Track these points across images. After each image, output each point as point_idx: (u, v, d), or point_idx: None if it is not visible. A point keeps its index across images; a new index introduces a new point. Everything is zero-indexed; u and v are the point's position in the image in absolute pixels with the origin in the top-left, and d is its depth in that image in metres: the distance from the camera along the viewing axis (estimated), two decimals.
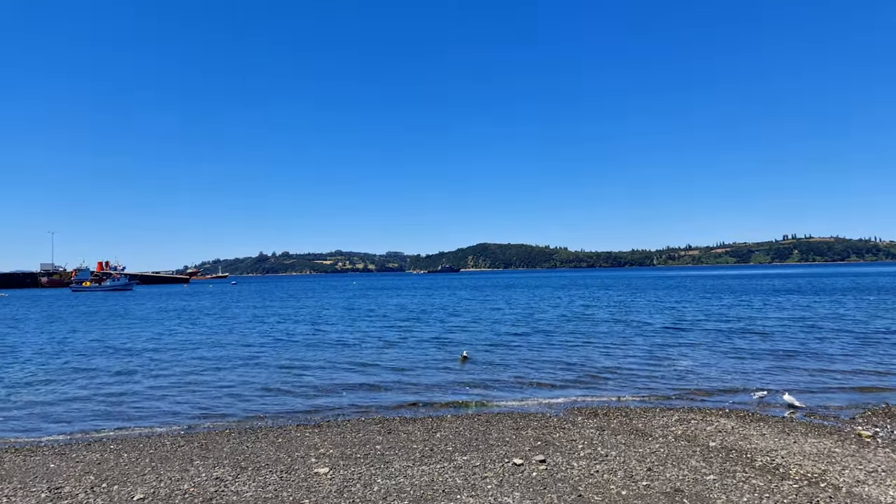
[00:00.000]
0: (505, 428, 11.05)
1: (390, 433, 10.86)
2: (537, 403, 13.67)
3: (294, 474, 8.13)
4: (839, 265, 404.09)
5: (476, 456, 8.89)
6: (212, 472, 8.34)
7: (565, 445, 9.49)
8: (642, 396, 14.17)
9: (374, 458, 8.98)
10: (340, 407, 13.63)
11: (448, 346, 23.48)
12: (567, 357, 19.92)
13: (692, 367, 17.43)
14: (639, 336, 25.11)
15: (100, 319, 42.77)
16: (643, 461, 8.43)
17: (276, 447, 9.92)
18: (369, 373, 17.85)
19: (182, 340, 27.61)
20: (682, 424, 11.04)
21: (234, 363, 20.12)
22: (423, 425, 11.48)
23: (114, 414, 13.26)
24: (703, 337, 24.34)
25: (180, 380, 17.15)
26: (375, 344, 24.96)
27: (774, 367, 17.29)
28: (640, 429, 10.77)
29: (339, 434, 10.88)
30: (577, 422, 11.56)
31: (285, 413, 13.10)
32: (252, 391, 15.38)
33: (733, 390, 14.55)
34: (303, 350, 23.27)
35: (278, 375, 17.63)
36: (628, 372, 17.02)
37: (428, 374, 17.52)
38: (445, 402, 14.05)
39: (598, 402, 13.68)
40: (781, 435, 10.21)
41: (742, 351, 20.29)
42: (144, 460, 9.30)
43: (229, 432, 11.43)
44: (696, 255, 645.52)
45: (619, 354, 20.13)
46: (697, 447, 9.31)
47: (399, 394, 14.84)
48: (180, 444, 10.49)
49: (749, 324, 29.00)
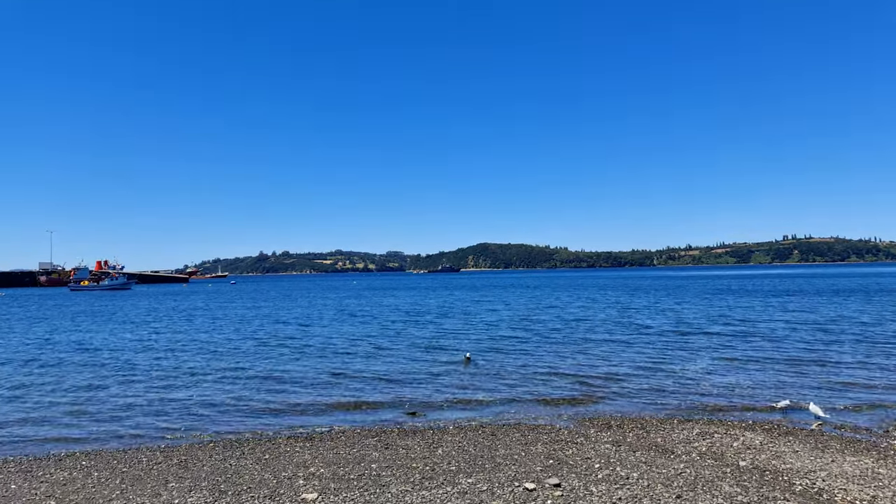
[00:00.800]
0: (512, 442, 10.15)
1: (387, 448, 9.95)
2: (545, 413, 12.77)
3: (278, 501, 7.22)
4: (839, 265, 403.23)
5: (482, 478, 7.99)
6: (186, 498, 7.43)
7: (580, 465, 8.59)
8: (656, 406, 13.27)
9: (369, 479, 8.07)
10: (333, 417, 12.72)
11: (447, 351, 22.58)
12: (570, 363, 19.02)
13: (703, 374, 16.53)
14: (644, 340, 24.21)
15: (88, 320, 41.85)
16: (670, 486, 7.52)
17: (262, 465, 9.01)
18: (363, 380, 16.95)
19: (167, 343, 26.69)
20: (705, 439, 10.14)
21: (222, 369, 19.21)
22: (424, 439, 10.57)
23: (86, 425, 12.33)
24: (710, 341, 23.44)
25: (162, 387, 16.23)
26: (369, 348, 24.08)
27: (788, 374, 16.39)
28: (659, 444, 9.87)
29: (331, 449, 9.97)
30: (590, 435, 10.66)
31: (274, 424, 12.19)
32: (238, 400, 14.46)
33: (751, 399, 13.65)
34: (292, 356, 22.37)
35: (266, 383, 16.73)
36: (637, 379, 16.11)
37: (428, 381, 16.61)
38: (446, 412, 13.14)
39: (610, 411, 12.78)
40: (816, 452, 9.31)
41: (752, 356, 19.37)
42: (115, 481, 8.40)
43: (213, 446, 10.53)
44: (696, 255, 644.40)
45: (625, 360, 19.23)
46: (727, 467, 8.40)
47: (397, 403, 13.92)
48: (157, 460, 9.58)
49: (754, 327, 28.10)
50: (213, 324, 36.69)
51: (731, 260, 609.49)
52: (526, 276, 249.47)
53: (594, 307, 44.93)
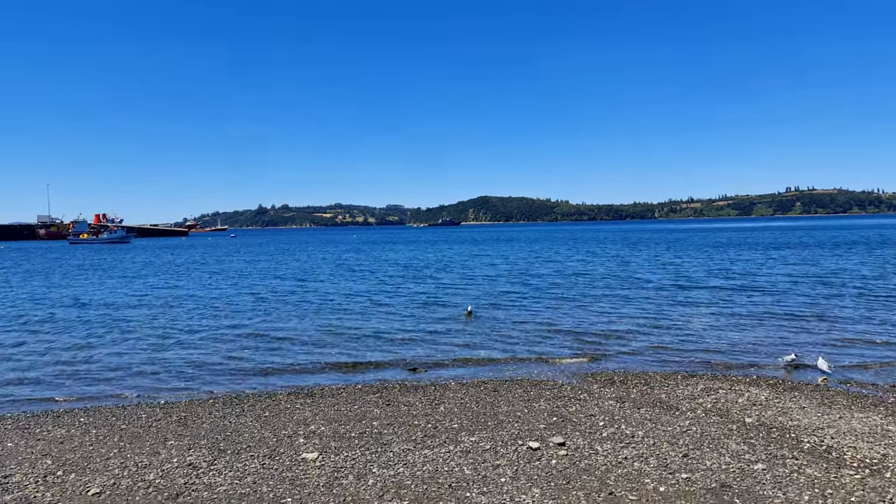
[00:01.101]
0: (515, 399, 10.04)
1: (389, 405, 9.84)
2: (547, 369, 12.67)
3: (278, 460, 7.10)
4: (841, 217, 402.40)
5: (485, 436, 7.86)
6: (185, 457, 7.31)
7: (584, 422, 8.46)
8: (659, 362, 13.16)
9: (371, 437, 7.95)
10: (333, 375, 12.62)
11: (446, 306, 22.48)
12: (571, 318, 18.91)
13: (706, 330, 16.40)
14: (644, 295, 24.07)
15: (87, 274, 41.77)
16: (676, 444, 7.39)
17: (262, 423, 8.90)
18: (363, 337, 16.84)
19: (165, 299, 26.60)
20: (709, 395, 10.02)
21: (219, 327, 19.10)
22: (426, 395, 10.46)
23: (82, 383, 12.22)
24: (712, 296, 23.29)
25: (159, 345, 16.13)
26: (368, 305, 23.98)
27: (791, 329, 16.26)
28: (663, 400, 9.75)
29: (332, 406, 9.87)
30: (594, 391, 10.54)
31: (273, 383, 12.09)
32: (237, 359, 14.36)
33: (754, 355, 13.54)
34: (290, 313, 22.27)
35: (264, 341, 16.63)
36: (639, 335, 15.99)
37: (428, 337, 16.51)
38: (448, 369, 13.04)
39: (613, 367, 12.68)
40: (822, 408, 9.19)
41: (754, 311, 19.23)
42: (113, 438, 8.29)
43: (213, 402, 10.43)
44: (697, 207, 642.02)
45: (626, 316, 19.10)
46: (733, 424, 8.28)
47: (398, 360, 13.81)
48: (157, 417, 9.48)
49: (756, 281, 27.95)
50: (211, 279, 36.60)
51: (733, 212, 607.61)
52: (526, 229, 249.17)
53: (594, 261, 44.80)
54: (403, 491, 6.06)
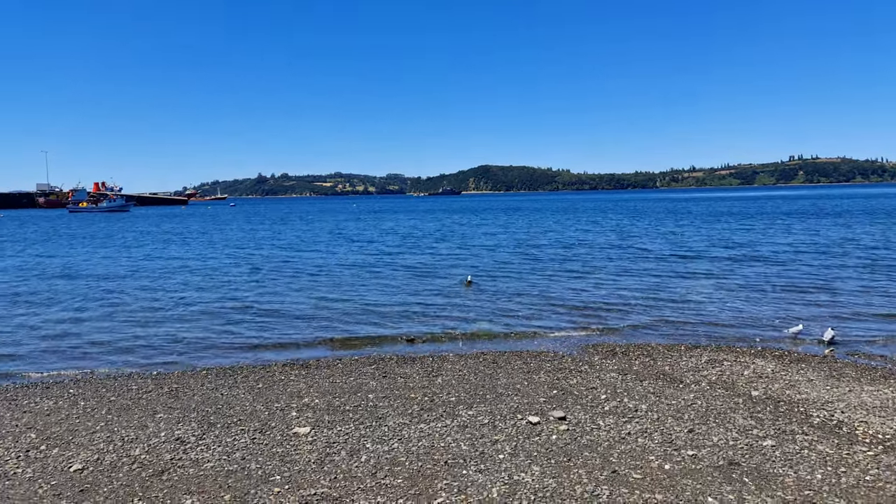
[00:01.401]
0: (514, 370, 9.79)
1: (385, 377, 9.60)
2: (548, 339, 12.42)
3: (269, 435, 6.86)
4: (844, 186, 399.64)
5: (483, 410, 7.62)
6: (173, 431, 7.08)
7: (586, 395, 8.21)
8: (661, 333, 12.90)
9: (366, 411, 7.71)
10: (329, 347, 12.38)
11: (444, 277, 22.20)
12: (571, 289, 18.61)
13: (709, 301, 16.12)
14: (646, 266, 23.75)
15: (83, 243, 41.45)
16: (681, 419, 7.14)
17: (255, 395, 8.66)
18: (361, 307, 16.58)
19: (160, 270, 26.31)
20: (714, 367, 9.77)
21: (213, 299, 18.81)
22: (423, 367, 10.22)
23: (74, 353, 11.98)
24: (714, 266, 22.98)
25: (152, 317, 15.87)
26: (365, 275, 23.70)
27: (795, 300, 15.97)
28: (667, 373, 9.50)
29: (327, 378, 9.62)
30: (595, 363, 10.30)
31: (269, 354, 11.85)
32: (230, 333, 14.10)
33: (759, 327, 13.27)
34: (287, 284, 21.99)
35: (260, 313, 16.37)
36: (641, 306, 15.71)
37: (426, 307, 16.24)
38: (446, 340, 12.79)
39: (614, 339, 12.42)
40: (831, 381, 8.93)
41: (757, 282, 18.92)
42: (101, 411, 8.06)
43: (206, 374, 10.20)
44: (700, 176, 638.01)
45: (628, 286, 18.79)
46: (739, 398, 8.03)
47: (395, 330, 13.56)
48: (148, 388, 9.25)
49: (759, 251, 27.62)
50: (208, 248, 36.29)
51: (735, 181, 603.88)
52: (527, 198, 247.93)
53: (595, 231, 44.44)
54: (398, 468, 5.82)
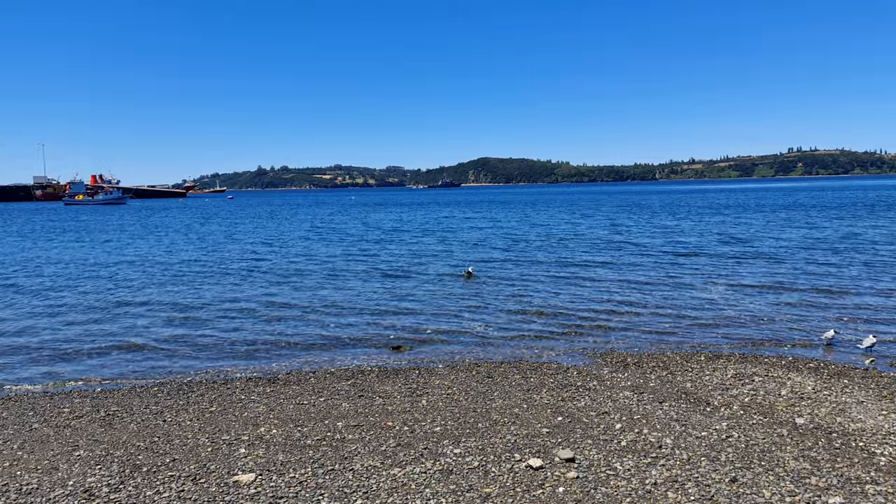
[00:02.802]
0: (512, 388, 8.42)
1: (361, 396, 8.23)
2: (549, 347, 11.05)
3: (202, 484, 5.48)
4: (843, 178, 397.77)
5: (474, 446, 6.24)
6: (86, 477, 5.70)
7: (597, 424, 6.84)
8: (674, 339, 11.53)
9: (330, 447, 6.34)
10: (302, 356, 10.99)
11: (423, 274, 20.84)
12: (571, 289, 17.22)
13: (721, 302, 14.73)
14: (648, 264, 22.34)
15: (59, 237, 39.99)
16: (717, 459, 5.77)
17: (203, 422, 7.29)
18: (342, 308, 15.20)
19: (129, 265, 24.90)
20: (744, 384, 8.40)
21: (176, 303, 17.40)
22: (407, 383, 8.85)
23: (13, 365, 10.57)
24: (722, 263, 21.61)
25: (105, 317, 14.48)
26: (342, 270, 22.33)
27: (814, 301, 14.57)
28: (690, 391, 8.13)
29: (294, 397, 8.25)
30: (605, 377, 8.93)
31: (234, 362, 10.47)
32: (198, 332, 12.71)
33: (779, 331, 11.92)
34: (261, 282, 20.57)
35: (229, 315, 14.99)
36: (647, 308, 14.31)
37: (416, 308, 14.86)
38: (436, 346, 11.42)
39: (623, 346, 11.05)
40: (884, 402, 7.56)
41: (768, 280, 17.52)
42: (14, 444, 6.68)
43: (156, 391, 8.83)
44: (699, 168, 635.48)
45: (631, 286, 17.39)
46: (783, 428, 6.66)
47: (380, 335, 12.16)
48: (82, 411, 7.87)
49: (765, 246, 26.25)
50: (184, 242, 34.85)
51: (734, 174, 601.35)
52: (526, 190, 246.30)
53: (592, 226, 43.07)
54: None
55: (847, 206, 57.33)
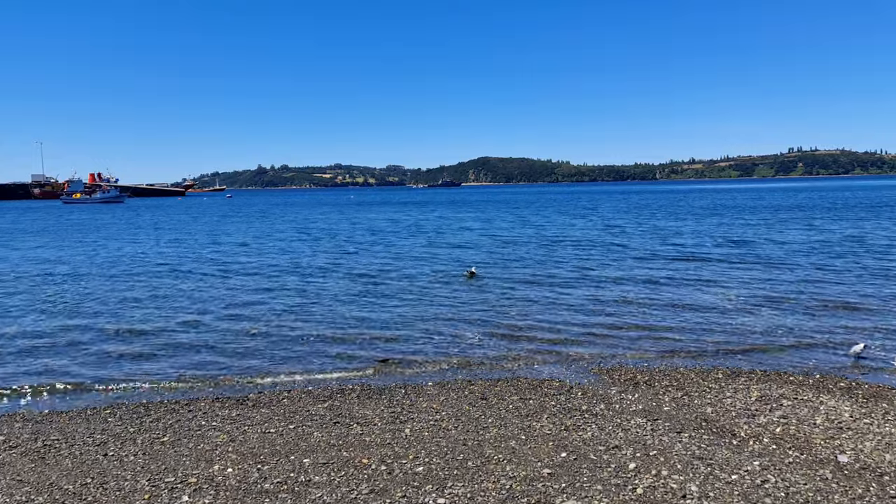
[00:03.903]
0: (509, 412, 7.43)
1: (337, 423, 7.24)
2: (549, 360, 10.05)
3: None
4: (843, 178, 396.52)
5: (462, 494, 5.24)
6: None
7: (607, 463, 5.84)
8: (686, 352, 10.53)
9: (291, 493, 5.35)
10: (285, 365, 9.98)
11: (411, 277, 19.84)
12: (567, 295, 16.22)
13: (730, 311, 13.71)
14: (651, 269, 21.32)
15: (36, 237, 38.99)
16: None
17: (149, 457, 6.30)
18: (325, 316, 14.21)
19: (94, 265, 23.90)
20: (771, 409, 7.40)
21: (139, 317, 16.41)
22: (390, 406, 7.85)
23: None
24: (728, 269, 20.60)
25: (64, 323, 13.49)
26: (336, 277, 21.34)
27: (833, 310, 13.55)
28: (711, 418, 7.13)
29: (261, 424, 7.26)
30: (612, 398, 7.94)
31: (199, 373, 9.47)
32: (158, 341, 11.70)
33: (802, 341, 10.94)
34: (243, 288, 19.59)
35: (198, 325, 14.00)
36: (651, 317, 13.29)
37: (405, 316, 13.85)
38: (426, 357, 10.43)
39: (631, 361, 10.05)
40: None
41: (781, 285, 16.52)
42: None
43: (108, 414, 7.84)
44: (699, 168, 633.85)
45: (630, 293, 16.35)
46: (826, 468, 5.66)
47: (366, 346, 11.16)
48: (18, 440, 6.90)
49: (773, 250, 25.24)
50: (170, 242, 33.86)
51: (735, 174, 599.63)
52: (526, 190, 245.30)
53: (591, 228, 42.08)
54: None
55: (853, 207, 56.34)
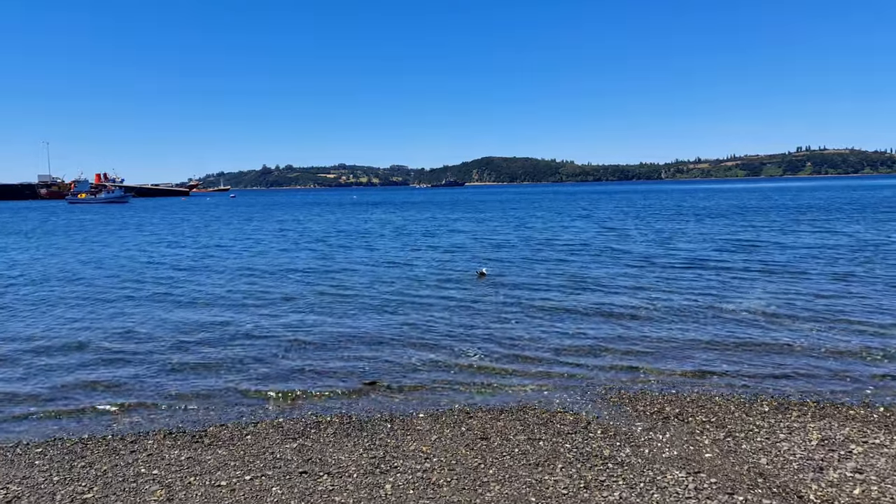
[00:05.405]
0: (514, 460, 6.06)
1: (304, 473, 5.89)
2: (560, 386, 8.67)
3: None
4: (853, 178, 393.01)
5: None
6: None
7: None
8: (720, 374, 9.13)
9: None
10: (253, 385, 8.64)
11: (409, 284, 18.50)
12: (573, 304, 14.78)
13: (761, 321, 12.31)
14: (657, 275, 19.86)
15: (41, 235, 37.90)
16: None
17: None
18: (307, 327, 12.87)
19: (62, 270, 22.68)
20: (839, 459, 6.00)
21: (102, 332, 15.10)
22: (371, 447, 6.50)
23: None
24: (746, 275, 19.17)
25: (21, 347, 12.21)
26: (322, 281, 20.03)
27: (867, 319, 12.14)
28: (768, 472, 5.74)
29: (210, 472, 5.92)
30: (640, 439, 6.57)
31: (156, 407, 8.13)
32: (114, 356, 10.38)
33: (849, 365, 9.52)
34: (223, 300, 18.31)
35: (170, 341, 12.71)
36: (671, 330, 11.88)
37: (398, 331, 12.50)
38: (418, 377, 9.08)
39: (655, 387, 8.66)
40: None
41: (806, 298, 15.04)
42: None
43: (42, 450, 6.53)
44: (705, 168, 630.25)
45: (647, 301, 14.95)
46: None
47: (347, 363, 9.78)
48: None
49: (790, 255, 23.77)
50: (156, 244, 32.67)
51: (741, 173, 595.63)
52: (529, 189, 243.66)
53: (596, 230, 40.66)
54: None
55: (870, 207, 54.68)
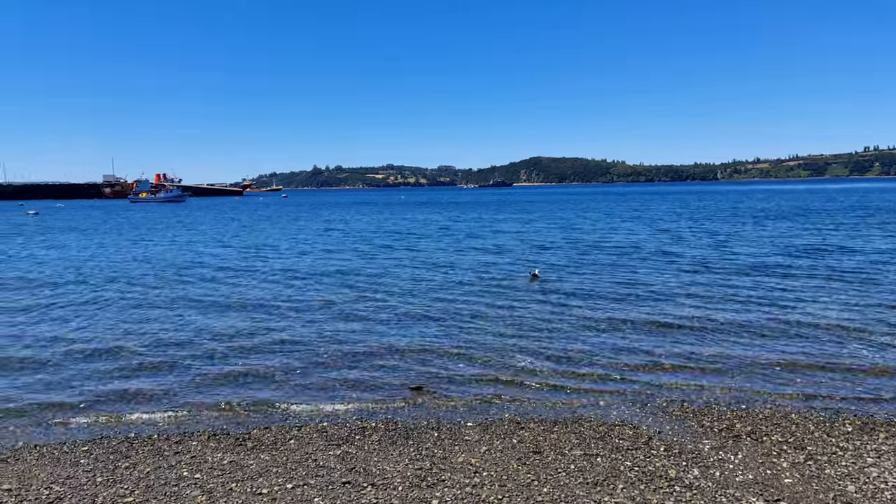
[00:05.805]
0: (570, 478, 5.62)
1: (347, 482, 5.62)
2: (617, 397, 8.13)
3: None
4: None
5: None
6: None
7: None
8: (791, 387, 8.39)
9: None
10: (296, 393, 8.46)
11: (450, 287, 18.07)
12: (627, 311, 14.02)
13: (831, 333, 11.34)
14: (716, 282, 18.81)
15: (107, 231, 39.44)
16: None
17: None
18: (353, 330, 12.67)
19: (108, 268, 23.22)
20: None
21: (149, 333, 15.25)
22: (418, 457, 6.19)
23: None
24: (814, 283, 17.94)
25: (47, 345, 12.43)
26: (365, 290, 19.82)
27: None
28: (857, 503, 5.10)
29: (252, 478, 5.73)
30: (707, 458, 6.01)
31: (202, 407, 8.06)
32: (156, 360, 10.41)
33: None
34: (256, 292, 18.34)
35: (204, 341, 12.72)
36: (735, 339, 11.09)
37: (450, 328, 12.16)
38: (464, 385, 8.71)
39: (722, 397, 8.02)
40: None
41: (881, 309, 13.88)
42: None
43: (87, 449, 6.53)
44: (765, 168, 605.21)
45: (699, 309, 14.08)
46: None
47: (394, 371, 9.50)
48: None
49: (863, 262, 22.17)
50: (196, 239, 33.38)
51: (804, 173, 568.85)
52: (579, 190, 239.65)
53: (649, 232, 39.31)
54: None
55: None
